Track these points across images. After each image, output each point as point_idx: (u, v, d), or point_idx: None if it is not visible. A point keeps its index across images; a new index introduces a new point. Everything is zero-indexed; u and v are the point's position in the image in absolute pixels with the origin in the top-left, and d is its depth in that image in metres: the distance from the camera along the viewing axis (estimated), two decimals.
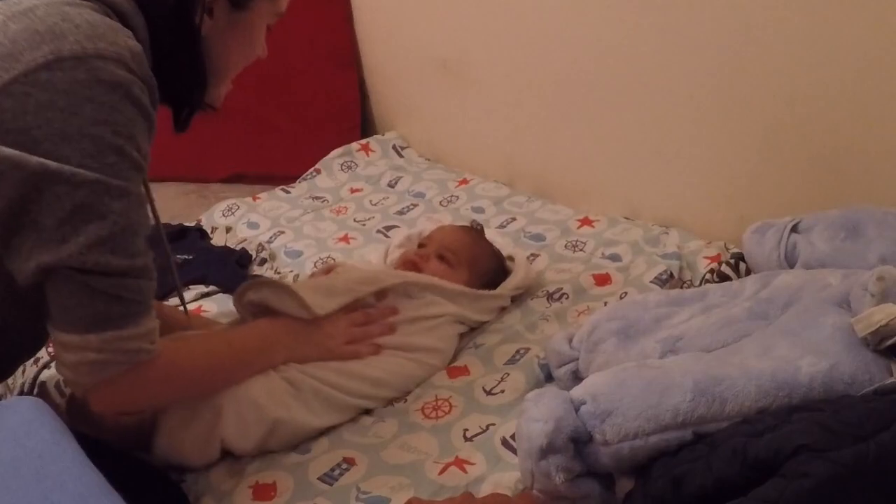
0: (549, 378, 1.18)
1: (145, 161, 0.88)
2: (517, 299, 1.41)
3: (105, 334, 0.86)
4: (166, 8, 0.92)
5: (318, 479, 1.04)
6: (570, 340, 1.14)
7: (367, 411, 1.17)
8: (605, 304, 1.32)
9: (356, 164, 2.02)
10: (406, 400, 1.19)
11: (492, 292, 1.36)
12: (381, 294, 1.25)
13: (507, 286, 1.38)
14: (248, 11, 0.99)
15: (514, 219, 1.71)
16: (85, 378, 0.88)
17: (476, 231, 1.50)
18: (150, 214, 0.96)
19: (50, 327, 0.88)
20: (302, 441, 1.11)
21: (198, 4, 0.94)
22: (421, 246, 1.42)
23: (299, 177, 2.01)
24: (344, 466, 1.06)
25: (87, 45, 0.81)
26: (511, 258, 1.46)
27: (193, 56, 0.97)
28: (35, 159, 0.79)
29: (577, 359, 1.12)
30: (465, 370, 1.24)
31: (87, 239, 0.82)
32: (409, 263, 1.38)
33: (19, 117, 0.79)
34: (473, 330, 1.35)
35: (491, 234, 1.56)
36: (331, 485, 1.03)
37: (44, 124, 0.80)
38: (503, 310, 1.39)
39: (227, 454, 1.09)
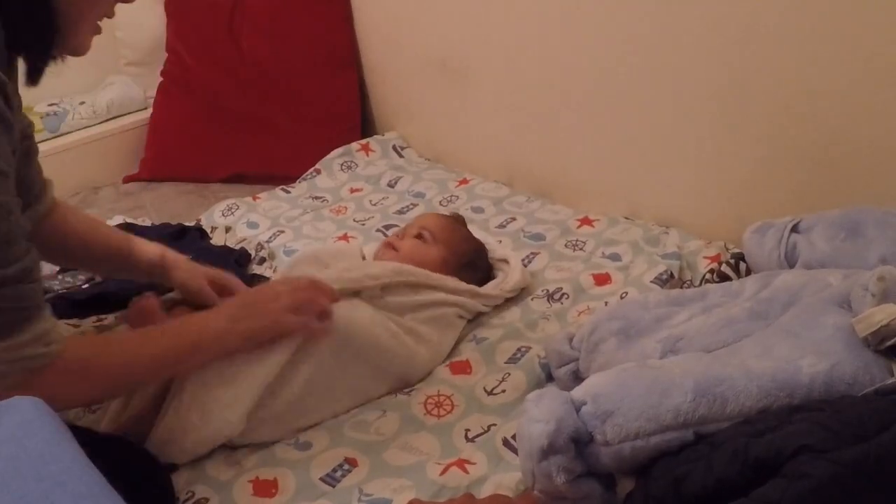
0: (550, 378, 1.18)
1: (8, 166, 0.84)
2: (516, 298, 1.42)
3: None
4: None
5: (320, 479, 1.04)
6: (571, 340, 1.14)
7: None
8: (606, 303, 1.32)
9: (356, 164, 2.02)
10: (409, 393, 1.19)
11: (485, 291, 1.37)
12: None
13: (505, 287, 1.39)
14: None
15: (513, 219, 1.71)
16: None
17: (456, 218, 1.52)
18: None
19: None
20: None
21: None
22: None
23: (299, 177, 2.01)
24: (346, 468, 1.06)
25: None
26: (505, 260, 1.46)
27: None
28: None
29: (578, 359, 1.12)
30: (466, 366, 1.24)
31: None
32: (387, 245, 1.42)
33: None
34: (472, 321, 1.36)
35: (486, 236, 1.56)
36: (333, 486, 1.03)
37: None
38: (500, 306, 1.39)
39: (221, 446, 1.09)
